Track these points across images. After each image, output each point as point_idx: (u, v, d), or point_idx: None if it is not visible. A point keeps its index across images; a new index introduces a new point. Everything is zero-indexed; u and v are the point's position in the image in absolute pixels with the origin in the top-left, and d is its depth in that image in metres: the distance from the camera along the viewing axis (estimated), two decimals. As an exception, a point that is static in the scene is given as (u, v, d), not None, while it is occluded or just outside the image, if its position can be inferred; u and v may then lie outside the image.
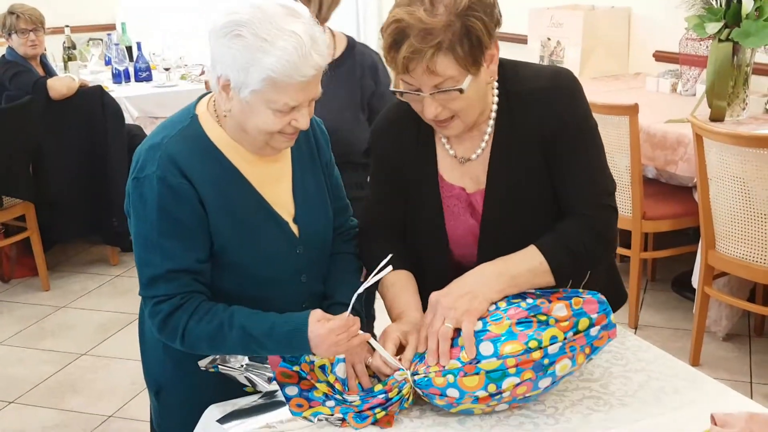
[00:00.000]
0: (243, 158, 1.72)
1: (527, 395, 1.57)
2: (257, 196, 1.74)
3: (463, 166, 1.80)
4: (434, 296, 1.65)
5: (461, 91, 1.62)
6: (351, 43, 2.50)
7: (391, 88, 1.75)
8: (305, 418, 1.59)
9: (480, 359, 1.54)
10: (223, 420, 1.60)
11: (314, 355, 1.65)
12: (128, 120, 4.93)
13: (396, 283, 1.79)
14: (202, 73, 5.62)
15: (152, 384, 1.91)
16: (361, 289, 1.66)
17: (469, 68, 1.62)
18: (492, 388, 1.53)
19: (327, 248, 1.89)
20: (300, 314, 1.65)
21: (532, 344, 1.54)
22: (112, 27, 6.45)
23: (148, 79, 5.51)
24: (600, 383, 1.68)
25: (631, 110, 3.43)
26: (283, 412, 1.61)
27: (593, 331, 1.59)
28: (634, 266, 3.77)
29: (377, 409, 1.57)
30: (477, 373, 1.53)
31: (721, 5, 3.57)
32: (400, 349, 1.66)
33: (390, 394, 1.58)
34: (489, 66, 1.67)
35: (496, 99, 1.76)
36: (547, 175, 1.74)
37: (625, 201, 3.62)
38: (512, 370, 1.53)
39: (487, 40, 1.62)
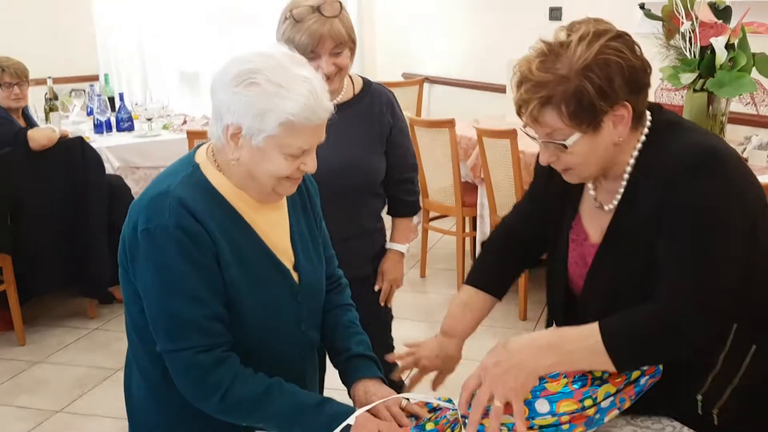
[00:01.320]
0: (247, 205, 1.72)
1: None
2: (262, 244, 1.73)
3: (600, 213, 1.77)
4: (484, 362, 1.62)
5: (564, 147, 1.62)
6: (367, 83, 2.62)
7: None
8: None
9: (535, 416, 1.56)
10: None
11: None
12: (109, 170, 4.86)
13: (464, 303, 1.95)
14: (184, 122, 5.58)
15: None
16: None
17: (576, 127, 1.60)
18: None
19: (322, 297, 1.90)
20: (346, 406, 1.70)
21: (587, 402, 1.57)
22: (95, 78, 6.43)
23: (130, 128, 5.44)
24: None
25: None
26: None
27: (642, 381, 1.62)
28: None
29: None
30: (531, 428, 1.56)
31: (695, 56, 3.58)
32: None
33: None
34: (617, 127, 1.62)
35: (636, 153, 1.69)
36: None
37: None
38: (565, 426, 1.56)
39: (601, 104, 1.58)
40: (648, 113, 1.71)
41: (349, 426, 1.61)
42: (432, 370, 1.91)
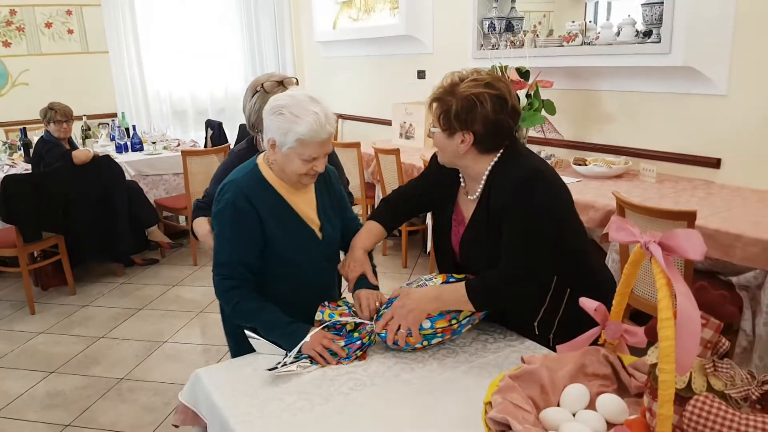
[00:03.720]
0: (286, 190, 1.77)
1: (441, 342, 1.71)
2: (295, 214, 1.78)
3: (468, 201, 1.75)
4: (396, 304, 1.66)
5: (431, 131, 1.68)
6: None
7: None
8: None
9: (421, 329, 1.64)
10: (270, 370, 1.57)
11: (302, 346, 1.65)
12: (128, 177, 4.81)
13: (368, 229, 1.89)
14: (178, 144, 5.52)
15: (231, 336, 1.95)
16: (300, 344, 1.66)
17: (439, 124, 1.65)
18: (425, 343, 1.66)
19: (338, 245, 1.92)
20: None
21: (453, 321, 1.66)
22: (114, 115, 6.30)
23: (141, 149, 5.36)
24: (449, 339, 1.72)
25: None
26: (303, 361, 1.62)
27: None
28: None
29: (358, 351, 1.65)
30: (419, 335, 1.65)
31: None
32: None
33: (364, 340, 1.66)
34: (460, 144, 1.63)
35: (487, 171, 1.67)
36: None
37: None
38: (439, 334, 1.65)
39: (455, 124, 1.61)
40: (503, 148, 1.68)
41: (307, 332, 1.66)
42: (357, 273, 1.83)
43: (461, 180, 1.79)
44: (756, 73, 3.21)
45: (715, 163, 3.46)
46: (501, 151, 1.68)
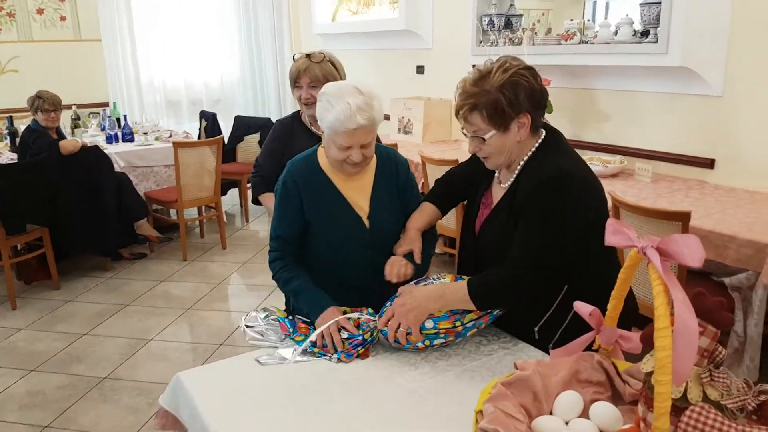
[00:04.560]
0: (337, 176, 1.83)
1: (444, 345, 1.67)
2: (343, 199, 1.82)
3: (499, 188, 1.72)
4: (397, 301, 1.63)
5: (483, 140, 1.60)
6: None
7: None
8: (314, 355, 1.65)
9: (423, 329, 1.61)
10: (261, 360, 1.61)
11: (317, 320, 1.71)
12: (117, 168, 4.75)
13: (421, 209, 1.89)
14: (170, 135, 5.48)
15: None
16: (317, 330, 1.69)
17: (493, 126, 1.57)
18: (427, 342, 1.62)
19: (392, 237, 1.87)
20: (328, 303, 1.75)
21: (458, 323, 1.62)
22: (106, 104, 6.24)
23: (132, 140, 5.32)
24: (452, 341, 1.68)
25: (454, 163, 3.52)
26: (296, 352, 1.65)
27: (495, 312, 1.67)
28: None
29: (359, 348, 1.64)
30: (420, 334, 1.61)
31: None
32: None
33: (365, 336, 1.66)
34: (519, 130, 1.58)
35: (523, 162, 1.63)
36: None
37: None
38: (442, 334, 1.61)
39: (511, 112, 1.55)
40: (544, 132, 1.65)
41: (323, 309, 1.71)
42: (405, 249, 1.81)
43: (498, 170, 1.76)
44: (751, 75, 3.21)
45: (709, 164, 3.46)
46: (541, 138, 1.63)
